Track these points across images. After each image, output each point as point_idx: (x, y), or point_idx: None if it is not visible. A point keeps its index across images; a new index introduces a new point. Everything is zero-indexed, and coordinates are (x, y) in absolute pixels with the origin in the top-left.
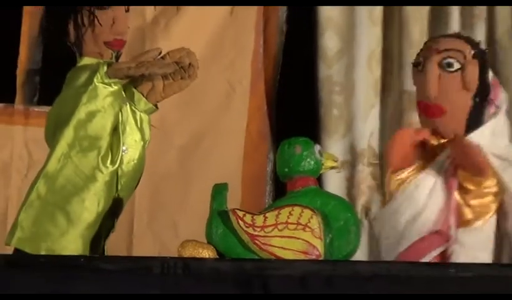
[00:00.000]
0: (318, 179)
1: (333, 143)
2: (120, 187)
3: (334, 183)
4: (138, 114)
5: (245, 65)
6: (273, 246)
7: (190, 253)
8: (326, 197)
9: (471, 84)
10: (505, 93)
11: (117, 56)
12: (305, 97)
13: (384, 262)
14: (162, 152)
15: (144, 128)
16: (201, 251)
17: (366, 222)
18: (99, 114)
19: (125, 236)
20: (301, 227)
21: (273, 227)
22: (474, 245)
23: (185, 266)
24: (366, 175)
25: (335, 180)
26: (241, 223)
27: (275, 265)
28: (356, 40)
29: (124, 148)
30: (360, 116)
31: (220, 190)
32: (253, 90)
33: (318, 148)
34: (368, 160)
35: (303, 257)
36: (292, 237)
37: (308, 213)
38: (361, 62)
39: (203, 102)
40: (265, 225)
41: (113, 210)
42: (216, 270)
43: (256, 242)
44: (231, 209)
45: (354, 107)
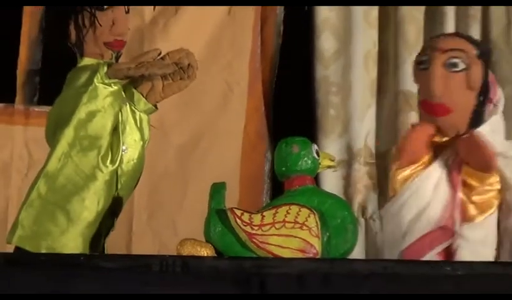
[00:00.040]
0: (315, 178)
1: (330, 143)
2: (119, 186)
3: (331, 182)
4: (137, 114)
5: (243, 66)
6: (270, 244)
7: (189, 251)
8: (323, 195)
9: (476, 84)
10: (501, 91)
11: (117, 57)
12: (302, 98)
13: (381, 260)
14: (161, 151)
15: (144, 128)
16: (199, 249)
17: (362, 221)
18: (99, 114)
19: (125, 234)
20: (299, 226)
21: (271, 226)
22: (477, 240)
23: (184, 264)
24: (363, 174)
25: (332, 179)
26: (239, 222)
27: (272, 264)
28: (352, 41)
29: (124, 148)
30: (356, 116)
31: (218, 189)
32: (251, 91)
33: (315, 147)
34: (365, 160)
35: (301, 255)
36: (289, 235)
37: (305, 212)
38: (358, 63)
39: (202, 102)
40: (262, 223)
41: (113, 209)
42: (214, 268)
43: (254, 240)
44: (229, 207)
45: (351, 108)
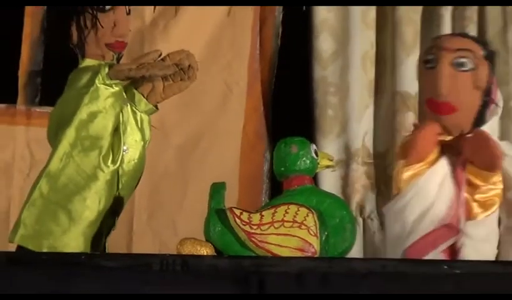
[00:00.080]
0: (314, 178)
1: (328, 143)
2: (120, 186)
3: (330, 182)
4: (138, 115)
5: (242, 66)
6: (269, 244)
7: (189, 250)
8: (322, 195)
9: (482, 84)
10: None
11: (118, 58)
12: (300, 98)
13: (380, 259)
14: (161, 152)
15: (144, 128)
16: (199, 249)
17: (360, 220)
18: (100, 115)
19: (125, 234)
20: (297, 225)
21: (270, 225)
22: (480, 238)
23: (184, 263)
24: (361, 174)
25: (330, 179)
26: (239, 221)
27: (271, 262)
28: (350, 42)
29: (125, 148)
30: (354, 116)
31: (218, 189)
32: (250, 91)
33: (313, 147)
34: (362, 160)
35: (299, 254)
36: (288, 234)
37: (303, 211)
38: (356, 64)
39: (201, 102)
40: (261, 223)
41: (114, 208)
42: (214, 267)
43: (253, 239)
44: (228, 207)
45: (349, 108)
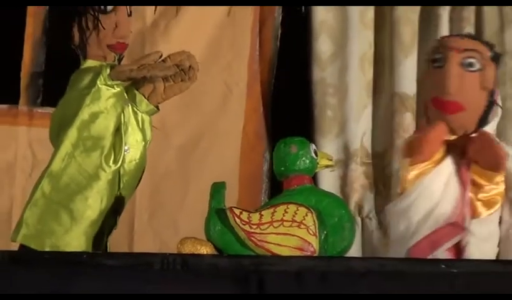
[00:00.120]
0: (313, 178)
1: (327, 143)
2: (122, 186)
3: (328, 181)
4: (139, 115)
5: (242, 67)
6: (268, 243)
7: (189, 250)
8: (321, 194)
9: (489, 85)
10: None
11: (120, 59)
12: (299, 99)
13: (378, 258)
14: (162, 152)
15: (145, 128)
16: (199, 248)
17: (359, 220)
18: (102, 115)
19: (126, 233)
20: (296, 224)
21: (269, 225)
22: (483, 236)
23: (184, 262)
24: (359, 174)
25: (329, 179)
26: (238, 221)
27: (271, 261)
28: (348, 43)
29: (126, 148)
30: (353, 117)
31: (218, 189)
32: (250, 92)
33: (313, 147)
34: (361, 160)
35: (299, 253)
36: (287, 234)
37: (303, 210)
38: (354, 65)
39: (202, 103)
40: (260, 222)
41: (116, 208)
42: (214, 266)
43: (253, 239)
44: (228, 207)
45: (347, 108)
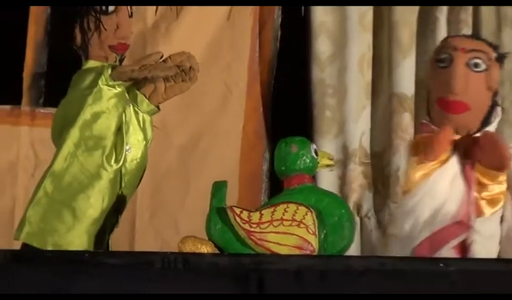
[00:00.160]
0: (312, 178)
1: (326, 143)
2: (123, 185)
3: (327, 181)
4: (141, 115)
5: (242, 68)
6: (268, 242)
7: (190, 248)
8: (321, 194)
9: (494, 85)
10: None
11: (121, 59)
12: (299, 99)
13: (377, 257)
14: (163, 151)
15: (146, 128)
16: (200, 247)
17: (358, 219)
18: (104, 115)
19: (128, 232)
20: (296, 224)
21: (269, 224)
22: (486, 234)
23: (185, 261)
24: (358, 174)
25: (328, 179)
26: (238, 220)
27: (271, 260)
28: (347, 44)
29: (127, 147)
30: (352, 117)
31: (219, 188)
32: (250, 92)
33: (313, 147)
34: (360, 160)
35: (298, 252)
36: (287, 233)
37: (302, 210)
38: (353, 66)
39: (202, 103)
40: (260, 221)
41: (117, 206)
42: (214, 264)
43: (253, 237)
44: (229, 206)
45: (346, 109)
